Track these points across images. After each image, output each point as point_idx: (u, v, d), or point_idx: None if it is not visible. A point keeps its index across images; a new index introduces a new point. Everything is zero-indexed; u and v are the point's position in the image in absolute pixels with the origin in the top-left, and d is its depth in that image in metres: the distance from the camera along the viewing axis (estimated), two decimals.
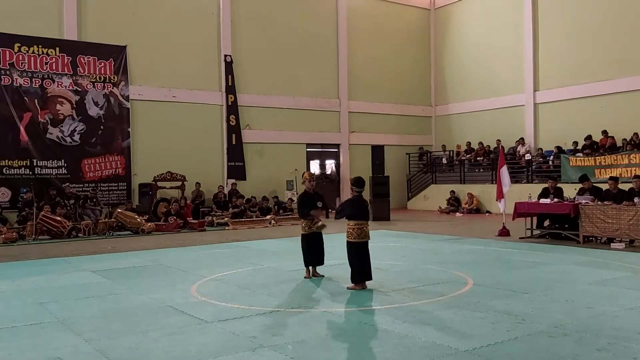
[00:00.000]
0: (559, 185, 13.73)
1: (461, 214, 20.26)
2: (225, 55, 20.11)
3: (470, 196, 20.85)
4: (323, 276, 8.24)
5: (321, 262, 8.33)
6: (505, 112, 22.23)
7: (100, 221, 15.49)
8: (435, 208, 21.82)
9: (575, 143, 18.97)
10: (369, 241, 7.50)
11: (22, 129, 16.57)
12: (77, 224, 15.02)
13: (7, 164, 16.31)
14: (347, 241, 7.44)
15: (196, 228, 16.03)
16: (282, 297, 7.10)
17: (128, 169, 18.20)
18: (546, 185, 13.39)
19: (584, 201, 11.69)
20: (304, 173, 8.81)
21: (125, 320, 6.08)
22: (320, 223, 8.12)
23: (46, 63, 16.96)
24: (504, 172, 13.44)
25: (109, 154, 17.91)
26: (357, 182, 7.56)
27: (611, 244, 11.05)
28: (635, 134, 17.50)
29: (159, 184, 17.82)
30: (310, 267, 8.32)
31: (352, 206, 7.45)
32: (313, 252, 8.22)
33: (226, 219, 17.04)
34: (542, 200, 12.42)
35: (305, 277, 8.25)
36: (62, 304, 6.92)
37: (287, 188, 20.59)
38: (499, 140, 20.90)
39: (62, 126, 17.22)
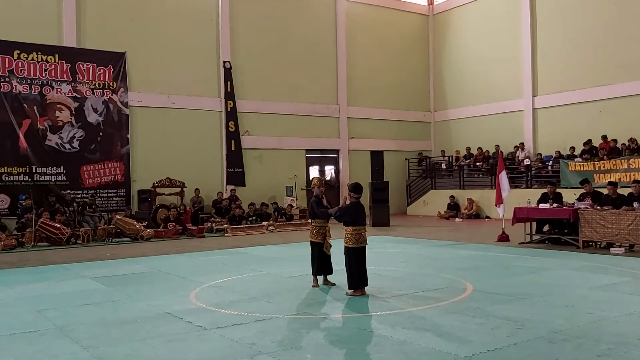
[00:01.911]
0: (558, 190, 13.72)
1: (461, 219, 20.25)
2: (224, 62, 20.15)
3: (469, 201, 20.85)
4: (335, 284, 7.96)
5: (330, 271, 8.11)
6: (504, 118, 22.26)
7: (99, 228, 15.46)
8: (435, 213, 21.80)
9: (573, 148, 18.99)
10: (366, 246, 7.48)
11: (21, 135, 16.59)
12: (76, 230, 15.01)
13: (6, 171, 16.32)
14: (345, 247, 7.44)
15: (195, 234, 16.02)
16: (281, 303, 7.08)
17: (127, 176, 18.19)
18: (545, 190, 13.40)
19: (583, 206, 11.69)
20: (313, 179, 8.76)
21: (123, 327, 6.07)
22: (328, 244, 7.97)
23: (45, 70, 16.99)
24: (503, 177, 13.42)
25: (108, 161, 17.91)
26: (356, 188, 7.56)
27: (611, 249, 11.04)
28: (634, 139, 17.50)
29: (158, 190, 17.82)
30: (319, 276, 8.08)
31: (351, 212, 7.46)
32: (324, 261, 8.00)
33: (225, 225, 17.01)
34: (541, 206, 12.41)
35: (313, 286, 7.96)
36: (61, 311, 6.90)
37: (286, 194, 20.58)
38: (497, 146, 20.93)
39: (61, 133, 17.23)
